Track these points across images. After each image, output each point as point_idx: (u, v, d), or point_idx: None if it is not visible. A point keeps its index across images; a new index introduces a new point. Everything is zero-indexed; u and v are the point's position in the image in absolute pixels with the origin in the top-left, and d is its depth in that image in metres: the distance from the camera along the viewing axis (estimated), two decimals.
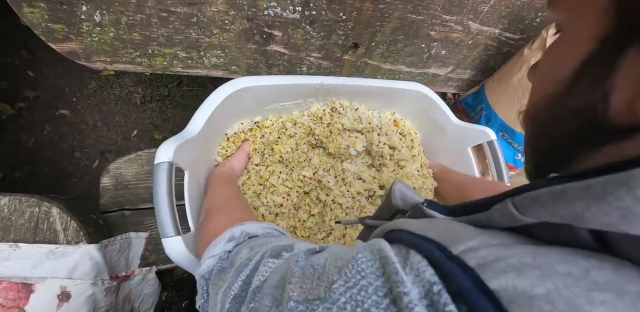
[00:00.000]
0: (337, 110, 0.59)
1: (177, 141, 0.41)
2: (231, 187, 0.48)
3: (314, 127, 0.56)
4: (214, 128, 0.50)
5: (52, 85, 1.00)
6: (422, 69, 0.65)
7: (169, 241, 0.36)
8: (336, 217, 0.56)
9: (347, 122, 0.57)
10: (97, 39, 0.45)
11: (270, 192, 0.54)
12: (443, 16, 0.54)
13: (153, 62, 0.51)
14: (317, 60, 0.57)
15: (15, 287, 0.39)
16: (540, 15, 0.60)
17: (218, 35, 0.49)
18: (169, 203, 0.37)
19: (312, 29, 0.51)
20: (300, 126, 0.58)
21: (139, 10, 0.43)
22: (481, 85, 0.69)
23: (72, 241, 0.43)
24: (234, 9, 0.45)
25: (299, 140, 0.57)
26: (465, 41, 0.61)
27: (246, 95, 0.50)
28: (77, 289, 0.40)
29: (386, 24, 0.52)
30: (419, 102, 0.64)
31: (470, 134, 0.61)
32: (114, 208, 0.56)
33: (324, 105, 0.59)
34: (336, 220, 0.60)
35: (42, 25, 0.42)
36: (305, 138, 0.57)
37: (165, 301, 0.88)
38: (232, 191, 0.46)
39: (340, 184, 0.58)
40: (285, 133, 0.57)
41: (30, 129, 0.95)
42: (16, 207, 0.42)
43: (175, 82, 1.09)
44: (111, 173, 0.57)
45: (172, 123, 1.07)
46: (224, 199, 0.43)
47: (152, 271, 0.53)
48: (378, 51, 0.58)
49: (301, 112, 0.59)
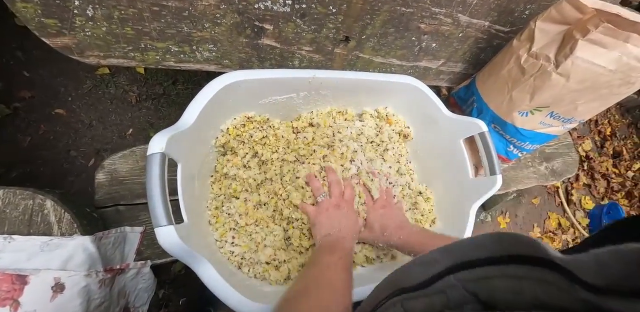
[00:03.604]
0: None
1: (170, 133, 0.41)
2: (347, 263, 0.42)
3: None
4: (208, 122, 0.51)
5: (48, 85, 1.00)
6: (414, 62, 0.66)
7: (162, 231, 0.37)
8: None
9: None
10: (90, 33, 0.46)
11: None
12: (433, 9, 0.54)
13: (146, 57, 0.51)
14: (308, 54, 0.58)
15: (9, 279, 0.39)
16: (529, 7, 0.61)
17: (210, 30, 0.49)
18: (162, 193, 0.38)
19: (303, 23, 0.51)
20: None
21: (131, 5, 0.44)
22: (472, 78, 0.70)
23: (66, 233, 0.43)
24: (225, 3, 0.46)
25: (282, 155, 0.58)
26: (456, 34, 0.61)
27: (239, 90, 0.51)
28: (71, 280, 0.41)
29: (376, 17, 0.53)
30: (411, 95, 0.64)
31: (462, 126, 0.62)
32: (109, 204, 0.56)
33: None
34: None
35: (35, 21, 0.42)
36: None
37: (162, 299, 0.88)
38: (345, 271, 0.40)
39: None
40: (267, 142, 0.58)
41: (26, 128, 0.96)
42: (10, 200, 0.43)
43: (170, 81, 1.09)
44: (106, 169, 0.58)
45: (167, 122, 1.07)
46: (332, 279, 0.38)
47: (147, 265, 0.53)
48: (369, 45, 0.59)
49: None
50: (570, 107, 0.56)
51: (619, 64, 0.47)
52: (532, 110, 0.59)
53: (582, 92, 0.52)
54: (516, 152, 0.69)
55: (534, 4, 0.60)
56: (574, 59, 0.48)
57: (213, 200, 0.54)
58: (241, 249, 0.52)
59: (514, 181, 0.84)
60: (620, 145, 1.86)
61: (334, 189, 0.53)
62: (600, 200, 1.70)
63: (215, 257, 0.49)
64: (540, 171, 0.88)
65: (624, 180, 1.76)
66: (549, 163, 0.90)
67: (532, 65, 0.54)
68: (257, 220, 0.55)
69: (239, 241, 0.52)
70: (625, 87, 0.52)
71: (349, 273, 0.41)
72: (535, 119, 0.60)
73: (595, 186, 1.70)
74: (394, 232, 0.51)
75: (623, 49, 0.46)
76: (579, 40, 0.47)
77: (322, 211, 0.51)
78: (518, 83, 0.57)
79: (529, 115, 0.60)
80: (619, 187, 1.74)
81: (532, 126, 0.62)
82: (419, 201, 0.65)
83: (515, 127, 0.62)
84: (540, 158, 0.90)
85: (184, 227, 0.41)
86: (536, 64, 0.53)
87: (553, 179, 0.89)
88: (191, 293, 0.91)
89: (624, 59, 0.47)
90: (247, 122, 0.58)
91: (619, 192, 1.74)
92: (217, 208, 0.54)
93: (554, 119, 0.59)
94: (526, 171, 0.86)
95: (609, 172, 1.75)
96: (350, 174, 0.59)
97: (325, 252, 0.44)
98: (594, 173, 1.72)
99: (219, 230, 0.52)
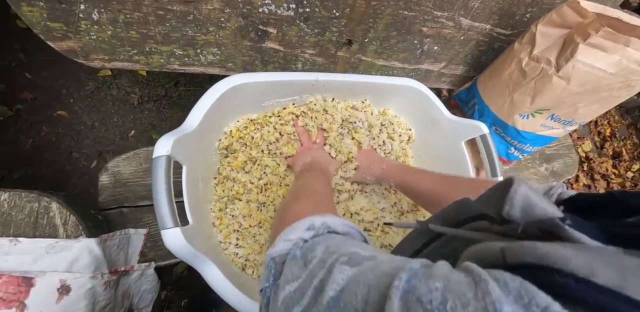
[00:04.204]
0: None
1: (175, 135, 0.41)
2: (325, 179, 0.49)
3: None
4: (212, 124, 0.51)
5: (50, 87, 1.00)
6: (416, 65, 0.66)
7: (168, 233, 0.37)
8: None
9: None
10: (95, 37, 0.46)
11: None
12: (434, 12, 0.55)
13: (150, 60, 0.51)
14: (311, 57, 0.58)
15: (15, 281, 0.39)
16: (530, 10, 0.61)
17: (214, 33, 0.49)
18: (168, 195, 0.38)
19: (306, 26, 0.52)
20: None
21: (136, 9, 0.44)
22: (474, 81, 0.70)
23: (71, 235, 0.43)
24: (230, 7, 0.46)
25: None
26: (457, 37, 0.62)
27: (242, 92, 0.51)
28: (77, 282, 0.41)
29: (379, 20, 0.54)
30: (413, 97, 0.65)
31: (463, 128, 0.62)
32: (112, 206, 0.56)
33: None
34: (384, 221, 0.61)
35: (40, 24, 0.43)
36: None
37: (164, 300, 0.88)
38: (324, 183, 0.47)
39: None
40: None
41: (28, 130, 0.96)
42: (16, 203, 0.43)
43: (172, 83, 1.10)
44: (109, 171, 0.58)
45: (169, 123, 1.08)
46: (316, 188, 0.44)
47: (150, 266, 0.54)
48: (371, 47, 0.59)
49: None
50: (570, 110, 0.57)
51: (619, 67, 0.48)
52: (532, 112, 0.59)
53: (583, 94, 0.53)
54: (517, 154, 0.70)
55: (535, 7, 0.61)
56: (574, 62, 0.49)
57: (216, 202, 0.55)
58: (245, 251, 0.52)
59: None
60: (620, 145, 1.86)
61: (302, 138, 0.61)
62: None
63: (219, 258, 0.49)
64: (540, 171, 0.89)
65: (624, 180, 1.77)
66: (548, 164, 0.91)
67: (533, 68, 0.54)
68: (260, 221, 0.55)
69: (243, 242, 0.53)
70: (625, 90, 0.52)
71: (329, 185, 0.51)
72: (536, 121, 0.61)
73: (595, 187, 1.71)
74: (377, 164, 0.60)
75: (623, 53, 0.46)
76: (579, 44, 0.48)
77: (297, 155, 0.59)
78: (519, 86, 0.57)
79: (529, 117, 0.60)
80: (619, 188, 1.74)
81: (533, 128, 0.62)
82: None
83: (516, 129, 0.63)
84: (540, 159, 0.90)
85: (189, 229, 0.41)
86: (537, 67, 0.54)
87: (553, 180, 0.89)
88: (193, 294, 0.91)
89: (624, 62, 0.47)
90: (249, 124, 0.58)
91: None
92: (221, 210, 0.54)
93: (555, 121, 0.60)
94: (526, 172, 0.87)
95: (609, 172, 1.76)
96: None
97: (305, 170, 0.53)
98: (593, 173, 1.73)
99: (222, 231, 0.53)
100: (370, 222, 0.60)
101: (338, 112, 0.62)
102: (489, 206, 0.19)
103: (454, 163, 0.64)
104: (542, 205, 0.16)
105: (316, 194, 0.42)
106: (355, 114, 0.63)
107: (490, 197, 0.19)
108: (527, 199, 0.16)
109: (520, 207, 0.16)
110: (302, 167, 0.55)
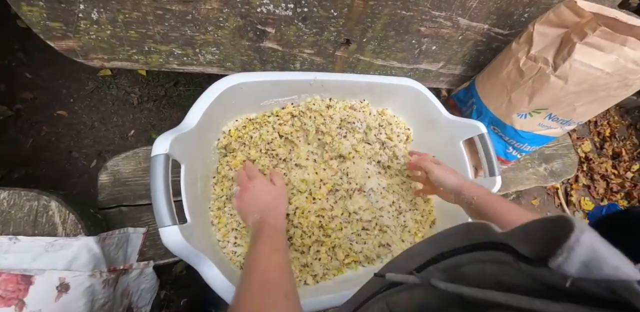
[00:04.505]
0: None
1: (173, 134, 0.42)
2: (276, 246, 0.39)
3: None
4: (210, 123, 0.51)
5: (50, 87, 1.00)
6: (414, 64, 0.67)
7: (166, 230, 0.37)
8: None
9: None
10: (94, 36, 0.46)
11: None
12: (432, 12, 0.55)
13: (149, 60, 0.52)
14: (310, 57, 0.58)
15: (14, 279, 0.40)
16: (527, 10, 0.61)
17: (212, 33, 0.50)
18: (165, 193, 0.38)
19: (304, 26, 0.52)
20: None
21: (135, 8, 0.44)
22: (472, 80, 0.70)
23: (70, 234, 0.44)
24: (228, 7, 0.47)
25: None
26: (455, 37, 0.62)
27: (241, 91, 0.51)
28: (76, 280, 0.41)
29: (377, 20, 0.54)
30: (411, 97, 0.65)
31: (462, 127, 0.62)
32: (112, 205, 0.57)
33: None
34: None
35: (40, 24, 0.43)
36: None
37: (163, 299, 0.89)
38: (277, 256, 0.37)
39: None
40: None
41: (28, 130, 0.96)
42: (15, 201, 0.43)
43: (171, 82, 1.10)
44: (109, 170, 0.58)
45: (169, 123, 1.08)
46: (263, 268, 0.36)
47: (149, 265, 0.54)
48: (370, 47, 0.59)
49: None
50: (568, 109, 0.57)
51: (616, 66, 0.48)
52: (530, 112, 0.60)
53: (580, 94, 0.53)
54: (515, 154, 0.70)
55: (533, 7, 0.61)
56: (571, 61, 0.49)
57: (215, 200, 0.55)
58: (243, 249, 0.52)
59: (513, 181, 0.84)
60: (619, 146, 1.86)
61: (240, 177, 0.50)
62: (600, 201, 1.71)
63: (217, 257, 0.49)
64: (540, 171, 0.89)
65: (623, 181, 1.77)
66: (548, 164, 0.91)
67: (531, 67, 0.55)
68: None
69: (241, 241, 0.53)
70: (622, 89, 0.52)
71: (280, 253, 0.38)
72: (534, 120, 0.61)
73: (595, 187, 1.71)
74: (452, 172, 0.51)
75: (620, 52, 0.47)
76: (576, 43, 0.48)
77: (238, 202, 0.48)
78: (517, 85, 0.58)
79: (527, 117, 0.61)
80: (618, 188, 1.74)
81: (531, 128, 0.62)
82: (419, 202, 0.66)
83: (514, 129, 0.63)
84: (540, 159, 0.90)
85: (187, 227, 0.41)
86: (534, 67, 0.54)
87: (552, 180, 0.89)
88: (192, 294, 0.91)
89: (620, 62, 0.47)
90: (248, 123, 0.58)
91: (618, 193, 1.74)
92: (219, 208, 0.54)
93: (553, 120, 0.60)
94: (525, 172, 0.87)
95: (608, 172, 1.75)
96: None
97: (253, 236, 0.42)
98: (593, 174, 1.73)
99: (221, 230, 0.53)
100: (369, 222, 0.60)
101: (336, 112, 0.62)
102: (524, 243, 0.15)
103: (452, 163, 0.64)
104: (613, 262, 0.12)
105: (266, 281, 0.34)
106: (354, 114, 0.63)
107: (533, 235, 0.15)
108: (594, 253, 0.12)
109: (582, 262, 0.12)
110: (251, 226, 0.45)
